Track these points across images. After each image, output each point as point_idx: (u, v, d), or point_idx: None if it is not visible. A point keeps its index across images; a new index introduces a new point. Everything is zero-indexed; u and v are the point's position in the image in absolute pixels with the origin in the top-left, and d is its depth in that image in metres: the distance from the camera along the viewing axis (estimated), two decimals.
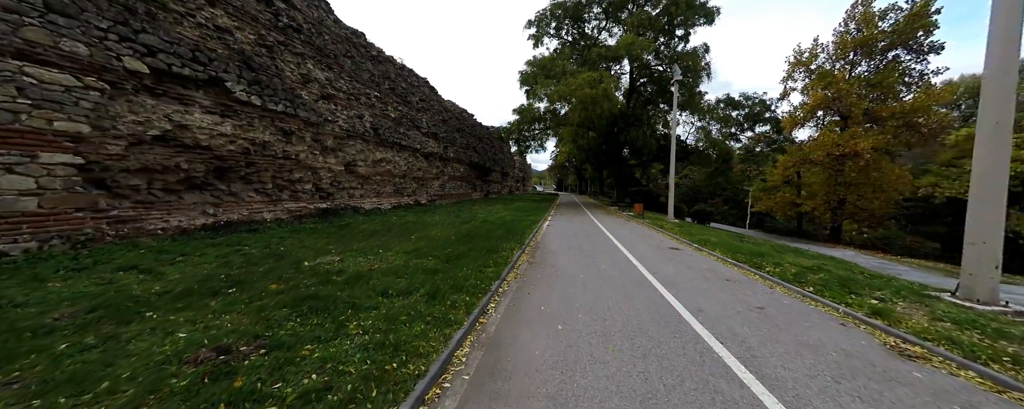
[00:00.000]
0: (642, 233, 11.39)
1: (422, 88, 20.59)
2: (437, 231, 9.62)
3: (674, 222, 15.55)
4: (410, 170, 18.33)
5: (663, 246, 8.93)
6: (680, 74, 15.35)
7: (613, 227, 12.66)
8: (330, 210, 12.22)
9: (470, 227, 10.66)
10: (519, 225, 11.63)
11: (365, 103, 14.19)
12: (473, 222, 12.22)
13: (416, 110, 19.17)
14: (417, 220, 12.39)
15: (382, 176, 15.72)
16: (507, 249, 7.37)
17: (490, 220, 13.02)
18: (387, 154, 15.88)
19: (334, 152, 12.53)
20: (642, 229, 12.37)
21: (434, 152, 21.33)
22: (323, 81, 11.66)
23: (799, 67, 29.25)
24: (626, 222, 14.96)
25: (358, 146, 13.82)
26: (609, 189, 53.96)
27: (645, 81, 27.04)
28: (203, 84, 7.67)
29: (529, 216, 15.46)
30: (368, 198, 14.90)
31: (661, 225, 13.46)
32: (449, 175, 24.10)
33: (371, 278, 4.68)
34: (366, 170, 14.51)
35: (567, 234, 10.37)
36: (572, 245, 8.41)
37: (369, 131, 14.23)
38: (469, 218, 13.78)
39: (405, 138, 17.23)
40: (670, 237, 10.76)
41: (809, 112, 27.20)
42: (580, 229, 11.62)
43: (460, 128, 26.86)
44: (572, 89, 17.21)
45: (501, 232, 9.61)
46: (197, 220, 7.97)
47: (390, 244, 7.43)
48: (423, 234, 8.99)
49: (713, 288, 5.20)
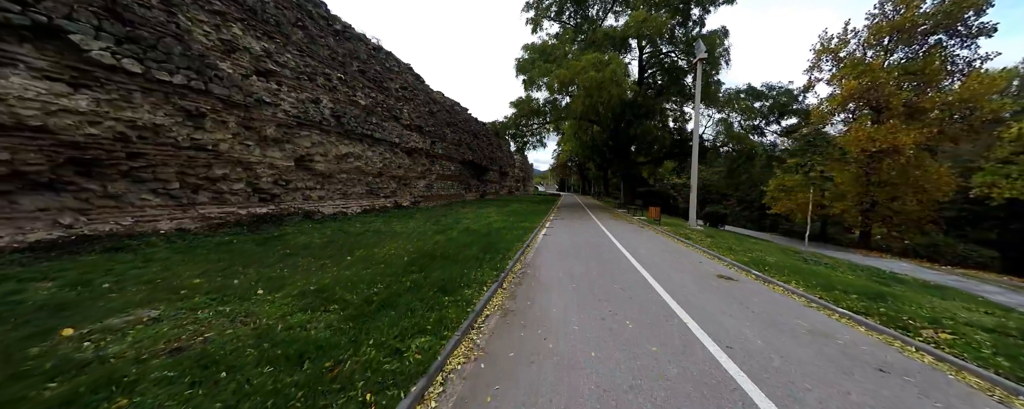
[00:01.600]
0: (667, 247, 8.81)
1: (405, 75, 18.11)
2: (392, 247, 7.11)
3: (697, 228, 12.94)
4: (387, 167, 15.85)
5: (707, 272, 6.34)
6: (704, 50, 12.77)
7: (627, 237, 10.12)
8: (272, 216, 9.74)
9: (441, 240, 8.14)
10: (506, 236, 9.09)
11: (324, 86, 11.71)
12: (451, 231, 9.71)
13: (396, 99, 16.68)
14: (382, 229, 9.90)
15: (349, 174, 13.24)
16: (474, 283, 4.84)
17: (473, 228, 10.51)
18: (356, 148, 13.39)
19: (278, 144, 10.05)
20: (664, 241, 9.80)
21: (418, 148, 18.84)
22: (258, 52, 9.19)
23: (826, 55, 26.51)
24: (640, 229, 12.38)
25: (314, 137, 11.35)
26: (614, 189, 51.25)
27: (654, 70, 24.41)
28: (30, 34, 5.19)
29: (523, 222, 12.91)
30: (330, 200, 12.42)
31: (686, 235, 10.87)
32: (437, 174, 21.61)
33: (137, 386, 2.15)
34: (327, 167, 12.03)
35: (567, 250, 7.87)
36: (574, 272, 5.91)
37: (329, 119, 11.75)
38: (450, 225, 11.27)
39: (379, 130, 14.75)
40: (707, 254, 8.16)
41: (840, 104, 24.43)
42: (585, 241, 9.10)
43: (451, 122, 24.37)
44: (575, 73, 14.69)
45: (478, 249, 7.08)
46: (32, 234, 5.50)
47: (299, 274, 4.92)
48: (369, 253, 6.48)
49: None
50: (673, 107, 23.34)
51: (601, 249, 8.02)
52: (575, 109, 17.34)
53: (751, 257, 7.38)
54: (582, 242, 8.90)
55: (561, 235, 10.50)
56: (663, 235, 11.05)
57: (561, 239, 9.56)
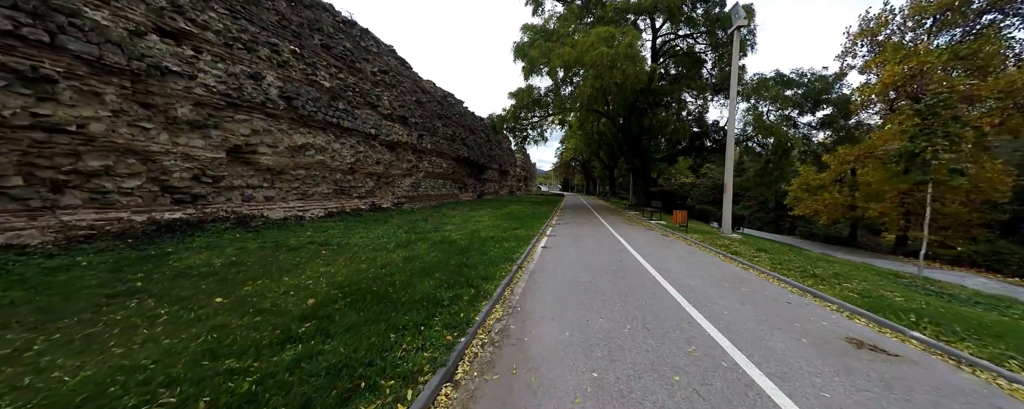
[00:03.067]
0: (718, 270, 6.12)
1: (385, 58, 15.79)
2: (312, 275, 4.75)
3: (733, 237, 10.45)
4: (362, 163, 13.51)
5: (823, 332, 3.50)
6: (742, 16, 10.28)
7: (654, 252, 7.62)
8: (188, 223, 7.43)
9: (396, 261, 5.78)
10: (492, 251, 6.69)
11: (269, 59, 9.39)
12: (420, 244, 7.34)
13: (373, 84, 14.35)
14: (334, 240, 7.58)
15: (309, 170, 10.92)
16: (397, 371, 2.43)
17: (452, 239, 8.13)
18: (317, 139, 11.07)
19: (200, 129, 7.74)
20: (706, 258, 7.02)
21: (402, 141, 16.51)
22: (160, 1, 6.86)
23: (864, 38, 23.83)
24: (665, 239, 9.92)
25: (257, 123, 9.03)
26: (620, 189, 48.56)
27: (668, 59, 21.86)
28: None
29: (518, 228, 10.51)
30: (283, 202, 10.10)
31: (728, 247, 8.38)
32: (425, 171, 19.27)
33: None
34: (276, 160, 9.72)
35: (576, 278, 5.28)
36: (590, 331, 3.32)
37: (275, 101, 9.43)
38: (425, 233, 8.91)
39: (349, 118, 12.41)
40: (782, 282, 5.41)
41: (880, 92, 21.73)
42: (599, 260, 6.55)
43: (444, 115, 22.03)
44: (582, 51, 12.27)
45: (441, 277, 4.71)
46: None
47: (55, 352, 2.55)
48: (265, 287, 4.14)
49: None
50: (690, 99, 20.76)
51: (624, 274, 5.59)
52: (582, 96, 14.93)
53: (858, 290, 4.91)
54: (595, 262, 6.47)
55: (566, 248, 8.07)
56: (699, 248, 8.56)
57: (566, 256, 7.13)
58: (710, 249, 8.14)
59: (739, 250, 7.87)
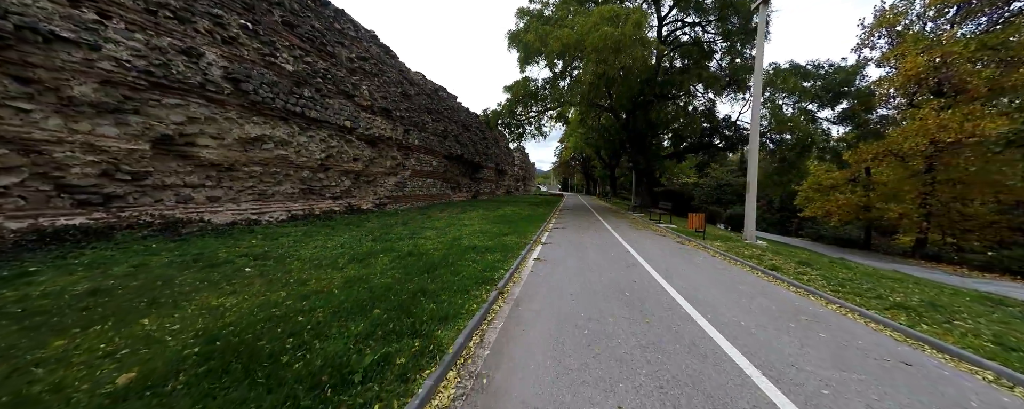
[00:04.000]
0: (768, 298, 4.36)
1: (365, 43, 14.29)
2: (199, 311, 3.24)
3: (760, 245, 8.97)
4: (335, 159, 12.01)
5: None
6: None
7: (678, 270, 5.87)
8: (88, 231, 5.94)
9: (345, 280, 4.32)
10: (468, 269, 5.20)
11: (210, 32, 7.88)
12: (378, 259, 5.85)
13: (349, 71, 12.85)
14: (276, 251, 6.11)
15: (267, 166, 9.42)
16: None
17: (425, 249, 6.64)
18: (277, 130, 9.56)
19: (110, 113, 6.24)
20: (741, 276, 5.41)
21: (385, 136, 15.01)
22: None
23: (882, 27, 22.37)
24: (683, 249, 8.41)
25: (194, 110, 7.53)
26: (622, 189, 47.07)
27: (673, 51, 20.37)
28: None
29: (509, 234, 9.03)
30: (231, 203, 8.61)
31: (761, 260, 6.88)
32: (413, 169, 17.77)
33: None
34: (222, 154, 8.22)
35: (575, 314, 3.66)
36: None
37: (219, 83, 7.92)
38: (393, 242, 7.42)
39: (318, 108, 10.91)
40: (865, 318, 3.81)
41: (901, 85, 20.27)
42: (606, 280, 4.87)
43: (434, 110, 20.54)
44: (583, 32, 10.78)
45: (390, 308, 3.27)
46: None
47: None
48: (114, 334, 2.62)
49: None
50: (699, 92, 19.26)
51: (643, 305, 4.04)
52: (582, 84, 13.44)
53: (988, 334, 3.42)
54: (602, 284, 4.94)
55: (563, 262, 6.56)
56: (726, 260, 7.05)
57: (563, 273, 5.62)
58: (740, 262, 6.64)
59: (777, 263, 6.37)
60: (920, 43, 20.37)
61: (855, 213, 26.25)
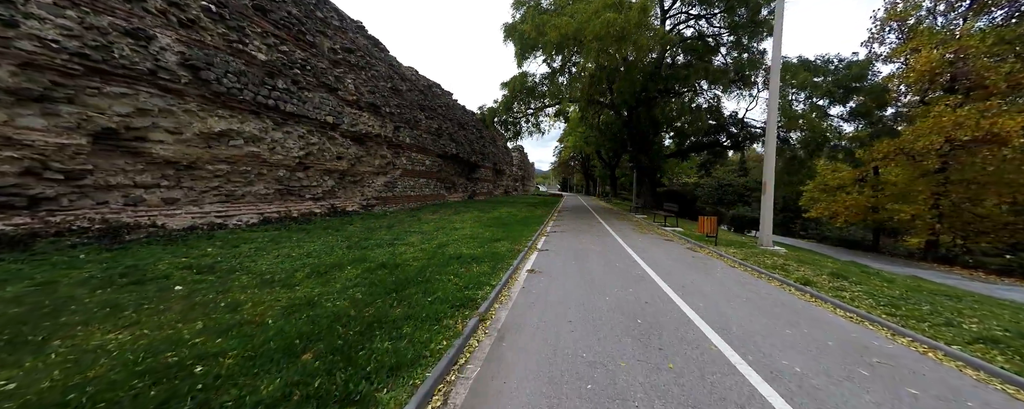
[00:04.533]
0: (817, 325, 3.29)
1: (351, 34, 13.42)
2: (58, 361, 2.34)
3: (780, 251, 8.12)
4: (317, 157, 11.14)
5: None
6: None
7: (696, 286, 4.79)
8: (1, 240, 5.06)
9: (290, 303, 3.44)
10: (449, 285, 4.35)
11: (164, 13, 7.01)
12: (355, 268, 5.02)
13: (333, 63, 11.98)
14: (235, 262, 5.27)
15: (236, 165, 8.54)
16: None
17: (402, 260, 5.79)
18: (246, 125, 8.69)
19: (36, 101, 5.37)
20: (778, 296, 4.27)
21: (373, 133, 14.14)
22: None
23: (892, 22, 21.57)
24: (696, 257, 7.52)
25: (145, 99, 6.66)
26: (622, 189, 46.23)
27: (676, 47, 19.51)
28: None
29: (501, 240, 8.16)
30: (193, 205, 7.73)
31: (800, 276, 5.97)
32: (404, 169, 16.89)
33: None
34: (181, 151, 7.35)
35: (574, 351, 2.80)
36: None
37: (174, 71, 7.04)
38: (374, 248, 6.59)
39: (295, 101, 10.03)
40: (951, 358, 2.89)
41: (915, 81, 19.45)
42: (612, 300, 3.85)
43: (428, 107, 19.67)
44: (583, 20, 9.93)
45: (330, 349, 2.40)
46: None
47: None
48: None
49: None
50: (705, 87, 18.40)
51: (660, 337, 3.09)
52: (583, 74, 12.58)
53: None
54: (607, 305, 4.02)
55: (561, 274, 5.69)
56: (748, 272, 6.18)
57: (560, 290, 4.75)
58: (764, 274, 5.78)
59: (807, 276, 5.50)
60: (934, 37, 19.60)
61: (863, 214, 25.46)
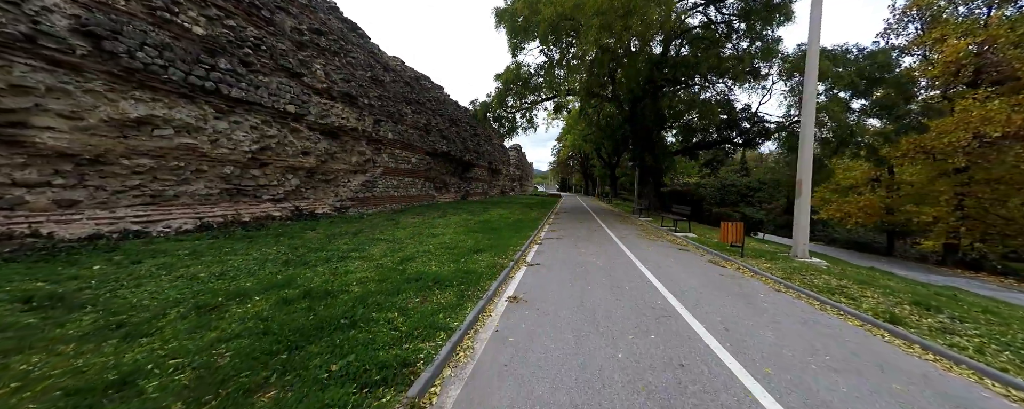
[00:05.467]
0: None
1: (322, 15, 11.94)
2: None
3: (821, 266, 6.69)
4: (276, 152, 9.66)
5: None
6: None
7: (747, 327, 3.25)
8: None
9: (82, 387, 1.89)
10: (383, 338, 2.86)
11: None
12: (266, 301, 3.56)
13: (297, 45, 10.51)
14: (92, 294, 3.74)
15: (164, 159, 7.05)
16: None
17: (341, 287, 4.33)
18: (177, 111, 7.20)
19: None
20: (871, 345, 2.89)
21: (349, 126, 12.66)
22: None
23: (913, 11, 20.19)
24: (725, 274, 6.01)
25: (20, 74, 5.17)
26: (622, 190, 44.79)
27: (680, 39, 18.09)
28: None
29: (486, 251, 6.71)
30: (102, 208, 6.26)
31: (878, 307, 4.45)
32: (386, 167, 15.41)
33: None
34: (81, 141, 5.88)
35: None
36: None
37: (65, 39, 5.55)
38: (317, 265, 5.13)
39: (243, 85, 8.54)
40: None
41: (941, 72, 18.07)
42: (634, 367, 2.46)
43: (415, 101, 18.19)
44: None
45: None
46: None
47: None
48: None
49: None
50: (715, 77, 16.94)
51: None
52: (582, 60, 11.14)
53: None
54: (618, 369, 2.55)
55: (556, 310, 4.21)
56: (801, 298, 4.73)
57: (552, 342, 3.22)
58: (826, 302, 4.34)
59: (886, 307, 4.06)
60: (959, 26, 18.24)
61: (878, 216, 24.13)
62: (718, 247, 8.24)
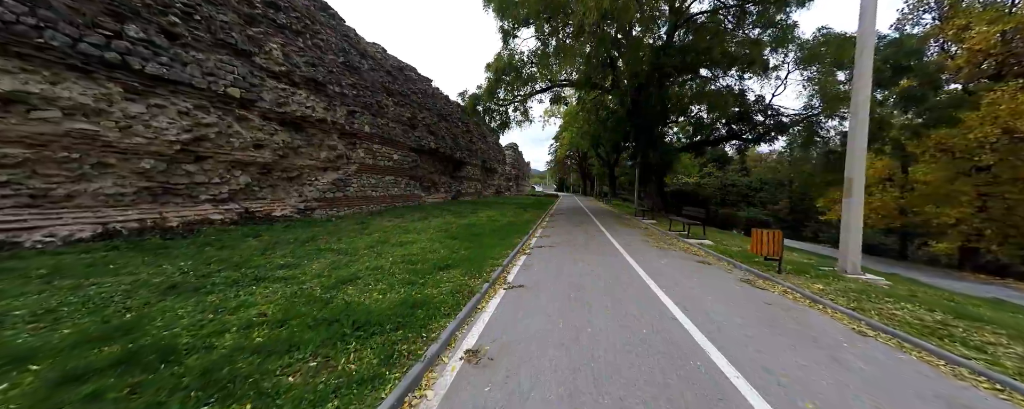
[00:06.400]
0: None
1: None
2: None
3: (879, 284, 5.24)
4: (216, 144, 8.12)
5: None
6: None
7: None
8: None
9: None
10: None
11: None
12: (31, 379, 1.93)
13: (245, 19, 8.98)
14: None
15: (46, 149, 5.51)
16: None
17: (192, 346, 2.76)
18: (63, 89, 5.65)
19: None
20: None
21: (314, 117, 11.12)
22: None
23: None
24: (766, 300, 4.58)
25: None
26: (621, 189, 43.34)
27: (685, 29, 16.67)
28: None
29: (459, 267, 5.22)
30: None
31: (996, 359, 3.12)
32: (362, 163, 13.88)
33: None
34: None
35: None
36: None
37: None
38: (202, 293, 3.55)
39: (165, 61, 6.99)
40: None
41: (966, 61, 16.76)
42: None
43: (397, 92, 16.67)
44: None
45: None
46: None
47: None
48: None
49: None
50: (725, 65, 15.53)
51: None
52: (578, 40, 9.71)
53: None
54: None
55: (536, 383, 2.76)
56: (906, 350, 3.29)
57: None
58: (959, 364, 2.91)
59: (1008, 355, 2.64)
60: (984, 15, 16.96)
61: (892, 217, 22.91)
62: (743, 257, 6.79)
